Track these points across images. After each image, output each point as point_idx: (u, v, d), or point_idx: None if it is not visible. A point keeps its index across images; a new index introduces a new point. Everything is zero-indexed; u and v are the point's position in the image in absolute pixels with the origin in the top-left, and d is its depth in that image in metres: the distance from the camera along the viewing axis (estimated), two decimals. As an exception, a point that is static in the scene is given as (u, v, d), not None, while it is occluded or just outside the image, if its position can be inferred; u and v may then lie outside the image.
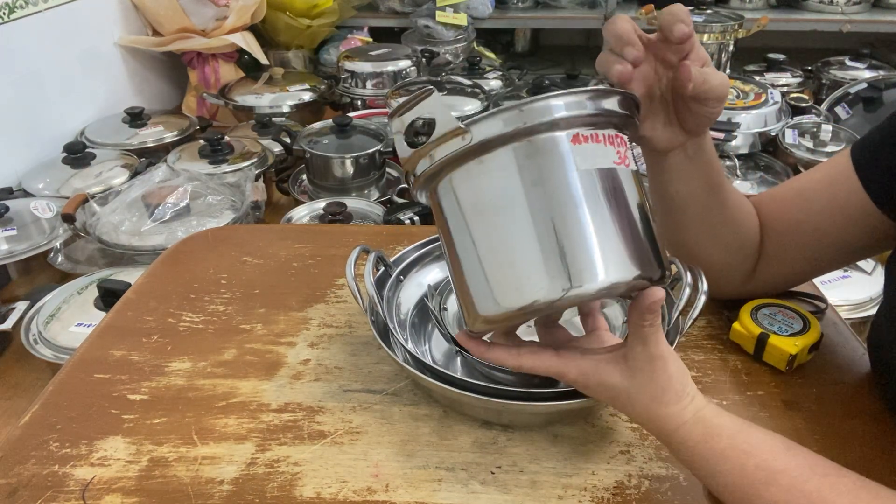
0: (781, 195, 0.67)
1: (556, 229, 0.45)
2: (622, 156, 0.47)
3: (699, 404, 0.47)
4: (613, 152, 0.47)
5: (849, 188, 0.60)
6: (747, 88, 1.88)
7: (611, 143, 0.47)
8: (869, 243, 0.62)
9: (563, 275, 0.45)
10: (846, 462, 0.56)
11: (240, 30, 2.22)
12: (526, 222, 0.46)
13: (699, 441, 0.46)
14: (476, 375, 0.62)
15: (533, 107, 0.45)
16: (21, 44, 1.74)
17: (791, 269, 0.68)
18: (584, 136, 0.46)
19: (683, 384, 0.48)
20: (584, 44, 3.25)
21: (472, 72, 2.20)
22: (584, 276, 0.45)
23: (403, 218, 1.47)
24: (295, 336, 0.72)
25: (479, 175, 0.47)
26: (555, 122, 0.45)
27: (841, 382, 0.65)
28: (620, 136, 0.48)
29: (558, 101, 0.45)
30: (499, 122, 0.45)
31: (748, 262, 0.67)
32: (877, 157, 0.59)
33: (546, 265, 0.45)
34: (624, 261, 0.46)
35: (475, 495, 0.54)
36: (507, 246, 0.46)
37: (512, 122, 0.45)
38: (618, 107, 0.48)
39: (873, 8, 2.62)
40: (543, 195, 0.46)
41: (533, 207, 0.45)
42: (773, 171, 1.76)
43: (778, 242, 0.66)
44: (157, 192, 1.48)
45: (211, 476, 0.56)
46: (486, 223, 0.47)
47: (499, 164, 0.46)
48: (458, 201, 0.48)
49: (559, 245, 0.45)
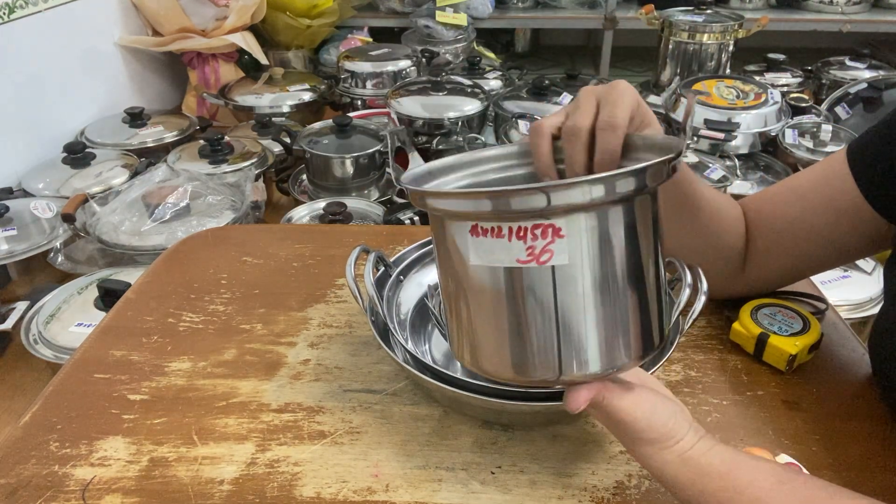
0: (776, 193, 0.67)
1: (460, 318, 0.47)
2: (536, 252, 0.41)
3: (686, 445, 0.45)
4: (522, 249, 0.41)
5: (843, 187, 0.60)
6: (747, 88, 1.88)
7: (520, 237, 0.41)
8: (863, 243, 0.62)
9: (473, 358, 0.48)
10: (846, 462, 0.56)
11: (240, 30, 2.22)
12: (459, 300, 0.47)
13: (689, 483, 0.44)
14: (476, 375, 0.62)
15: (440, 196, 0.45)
16: (21, 44, 1.74)
17: (785, 266, 0.68)
18: (484, 228, 0.42)
19: (664, 432, 0.45)
20: (584, 44, 3.25)
21: (472, 72, 2.20)
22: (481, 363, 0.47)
23: (403, 218, 1.47)
24: (295, 336, 0.72)
25: (438, 229, 0.47)
26: (453, 213, 0.44)
27: (841, 382, 0.65)
28: (549, 226, 0.41)
29: (456, 198, 0.44)
30: (416, 197, 0.45)
31: (731, 264, 0.67)
32: (872, 156, 0.59)
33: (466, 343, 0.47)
34: (498, 360, 0.46)
35: (475, 495, 0.54)
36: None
37: (419, 201, 0.45)
38: (525, 204, 0.40)
39: (873, 8, 2.63)
40: (449, 276, 0.46)
41: (449, 285, 0.47)
42: (773, 171, 1.76)
43: (772, 240, 0.66)
44: (157, 192, 1.48)
45: (211, 476, 0.56)
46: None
47: (435, 226, 0.47)
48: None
49: (470, 332, 0.47)
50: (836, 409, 0.62)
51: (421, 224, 1.47)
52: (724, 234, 0.66)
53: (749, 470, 0.44)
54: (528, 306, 0.43)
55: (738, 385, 0.64)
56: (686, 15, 2.30)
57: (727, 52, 2.27)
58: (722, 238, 0.66)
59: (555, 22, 2.68)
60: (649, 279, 0.45)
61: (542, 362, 0.44)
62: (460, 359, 0.49)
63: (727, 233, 0.66)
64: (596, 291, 0.42)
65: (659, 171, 0.42)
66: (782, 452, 0.54)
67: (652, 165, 0.41)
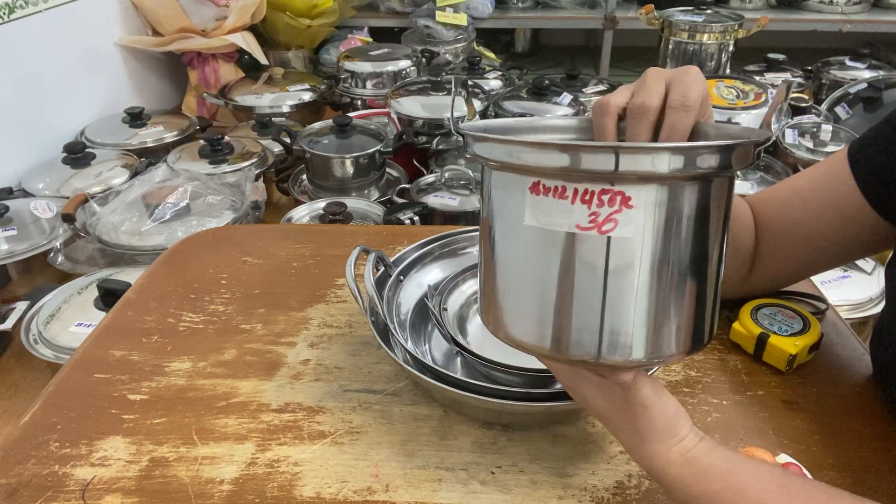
0: (777, 194, 0.67)
1: (487, 279, 0.44)
2: (598, 220, 0.39)
3: (688, 444, 0.45)
4: (584, 214, 0.39)
5: (844, 187, 0.60)
6: (747, 88, 1.88)
7: (585, 201, 0.39)
8: (864, 243, 0.62)
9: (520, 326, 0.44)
10: (846, 462, 0.56)
11: (240, 30, 2.22)
12: (506, 258, 0.43)
13: (691, 483, 0.44)
14: (476, 375, 0.62)
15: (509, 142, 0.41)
16: (21, 44, 1.74)
17: (787, 267, 0.68)
18: (547, 187, 0.39)
19: (670, 427, 0.45)
20: (584, 44, 3.25)
21: (472, 72, 2.20)
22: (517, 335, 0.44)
23: (403, 218, 1.47)
24: (295, 336, 0.72)
25: (494, 185, 0.44)
26: (516, 165, 0.40)
27: (841, 382, 0.65)
28: (620, 192, 0.38)
29: (525, 146, 0.40)
30: (481, 146, 0.42)
31: (744, 266, 0.67)
32: (872, 156, 0.59)
33: (516, 309, 0.44)
34: (532, 330, 0.43)
35: (475, 495, 0.54)
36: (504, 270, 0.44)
37: (485, 150, 0.42)
38: (606, 165, 0.38)
39: (873, 8, 2.63)
40: (499, 235, 0.43)
41: (493, 242, 0.43)
42: (773, 171, 1.76)
43: (774, 242, 0.66)
44: (157, 192, 1.48)
45: (211, 476, 0.56)
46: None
47: (491, 181, 0.44)
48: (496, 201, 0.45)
49: (493, 295, 0.44)
50: (836, 409, 0.62)
51: (421, 224, 1.47)
52: (740, 237, 0.65)
53: (750, 472, 0.44)
54: (579, 278, 0.40)
55: (738, 385, 0.64)
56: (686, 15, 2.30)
57: (727, 52, 2.27)
58: (738, 240, 0.65)
59: (555, 22, 2.68)
60: (711, 270, 0.42)
61: (584, 340, 0.41)
62: (494, 328, 0.46)
63: (741, 234, 0.66)
64: (654, 273, 0.40)
65: (746, 152, 0.39)
66: (782, 452, 0.55)
67: (740, 144, 0.39)
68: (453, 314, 0.69)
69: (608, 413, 0.47)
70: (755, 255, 0.67)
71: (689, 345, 0.43)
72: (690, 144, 0.37)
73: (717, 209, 0.41)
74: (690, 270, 0.41)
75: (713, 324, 0.44)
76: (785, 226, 0.65)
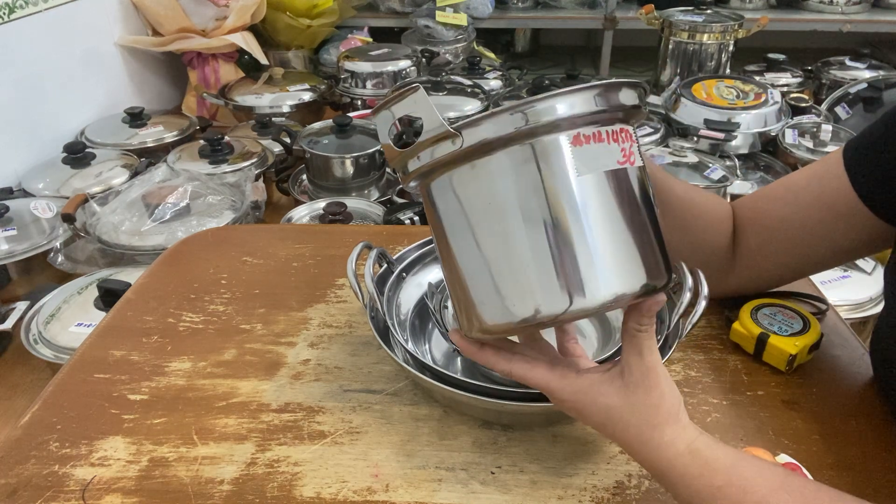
0: (771, 191, 0.67)
1: (558, 240, 0.43)
2: (627, 153, 0.44)
3: (691, 434, 0.45)
4: (618, 150, 0.43)
5: (837, 186, 0.60)
6: (747, 88, 1.88)
7: (615, 140, 0.43)
8: (860, 243, 0.62)
9: (566, 288, 0.43)
10: (846, 462, 0.56)
11: (240, 30, 2.22)
12: (526, 232, 0.43)
13: (696, 476, 0.44)
14: (476, 375, 0.62)
15: (535, 108, 0.41)
16: (21, 44, 1.74)
17: (778, 265, 0.67)
18: (587, 135, 0.42)
19: (676, 407, 0.46)
20: (584, 44, 3.25)
21: (472, 72, 2.20)
22: (587, 289, 0.43)
23: (403, 218, 1.47)
24: (295, 336, 0.72)
25: (473, 180, 0.44)
26: (554, 124, 0.42)
27: (841, 382, 0.65)
28: (626, 129, 0.44)
29: (554, 101, 0.41)
30: (490, 125, 0.42)
31: (713, 263, 0.67)
32: (867, 156, 0.59)
33: (549, 278, 0.43)
34: (629, 271, 0.43)
35: (475, 495, 0.54)
36: (506, 256, 0.44)
37: (504, 126, 0.42)
38: (625, 99, 0.44)
39: (873, 8, 2.63)
40: (543, 204, 0.43)
41: (532, 217, 0.43)
42: (773, 171, 1.76)
43: (764, 238, 0.66)
44: (157, 192, 1.48)
45: (211, 476, 0.56)
46: (485, 230, 0.45)
47: (494, 169, 0.43)
48: (453, 202, 0.45)
49: (560, 256, 0.43)
50: (836, 409, 0.62)
51: (421, 224, 1.47)
52: (703, 232, 0.65)
53: (753, 468, 0.44)
54: (631, 211, 0.44)
55: (738, 385, 0.64)
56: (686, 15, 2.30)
57: (727, 52, 2.27)
58: (698, 235, 0.65)
59: (555, 22, 2.68)
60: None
61: (620, 272, 0.44)
62: (492, 320, 0.46)
63: (706, 230, 0.65)
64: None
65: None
66: (782, 452, 0.55)
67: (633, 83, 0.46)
68: (453, 314, 0.69)
69: (619, 402, 0.46)
70: (745, 251, 0.67)
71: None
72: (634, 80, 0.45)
73: None
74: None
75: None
76: (776, 222, 0.65)
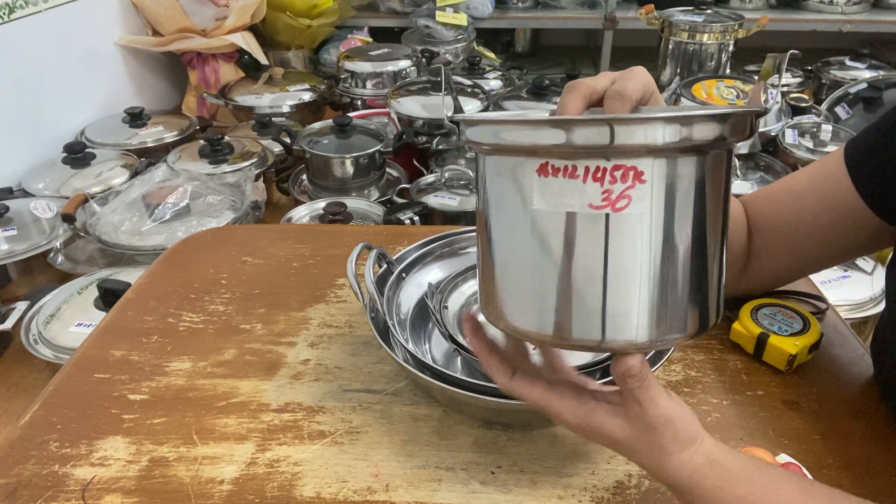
0: (773, 193, 0.67)
1: (502, 266, 0.42)
2: (612, 197, 0.37)
3: (709, 447, 0.44)
4: (597, 192, 0.37)
5: (839, 186, 0.60)
6: (747, 88, 1.88)
7: (597, 179, 0.37)
8: (861, 241, 0.62)
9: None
10: (846, 462, 0.56)
11: (240, 30, 2.22)
12: (512, 246, 0.41)
13: (716, 487, 0.43)
14: (476, 375, 0.62)
15: (504, 125, 0.39)
16: (21, 44, 1.74)
17: (783, 265, 0.68)
18: (556, 167, 0.37)
19: (690, 433, 0.44)
20: (584, 44, 3.25)
21: (472, 72, 2.20)
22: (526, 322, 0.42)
23: (403, 218, 1.47)
24: (295, 336, 0.72)
25: (492, 173, 0.42)
26: (528, 149, 0.38)
27: (841, 382, 0.65)
28: (632, 168, 0.37)
29: (525, 127, 0.38)
30: (477, 131, 0.40)
31: (737, 263, 0.67)
32: (868, 155, 0.59)
33: (526, 300, 0.42)
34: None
35: (475, 495, 0.54)
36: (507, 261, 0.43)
37: (484, 135, 0.40)
38: (616, 139, 0.36)
39: (873, 8, 2.63)
40: (499, 224, 0.41)
41: (498, 232, 0.42)
42: (773, 171, 1.76)
43: (769, 240, 0.66)
44: (157, 192, 1.48)
45: (211, 476, 0.56)
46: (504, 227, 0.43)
47: (487, 169, 0.42)
48: (491, 189, 0.42)
49: (500, 282, 0.42)
50: (836, 409, 0.62)
51: (421, 224, 1.47)
52: (730, 233, 0.65)
53: (773, 477, 0.44)
54: (587, 260, 0.38)
55: (738, 385, 0.64)
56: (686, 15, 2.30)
57: (727, 52, 2.27)
58: (728, 237, 0.65)
59: (555, 22, 2.68)
60: (716, 246, 0.41)
61: (588, 323, 0.39)
62: (494, 318, 0.44)
63: (732, 233, 0.66)
64: (663, 250, 0.38)
65: (743, 122, 0.39)
66: (782, 452, 0.55)
67: (740, 113, 0.38)
68: (453, 314, 0.69)
69: (627, 438, 0.45)
70: (750, 253, 0.67)
71: (697, 326, 0.41)
72: (705, 112, 0.36)
73: (722, 182, 0.40)
74: (697, 247, 0.39)
75: (719, 305, 0.43)
76: (779, 224, 0.65)
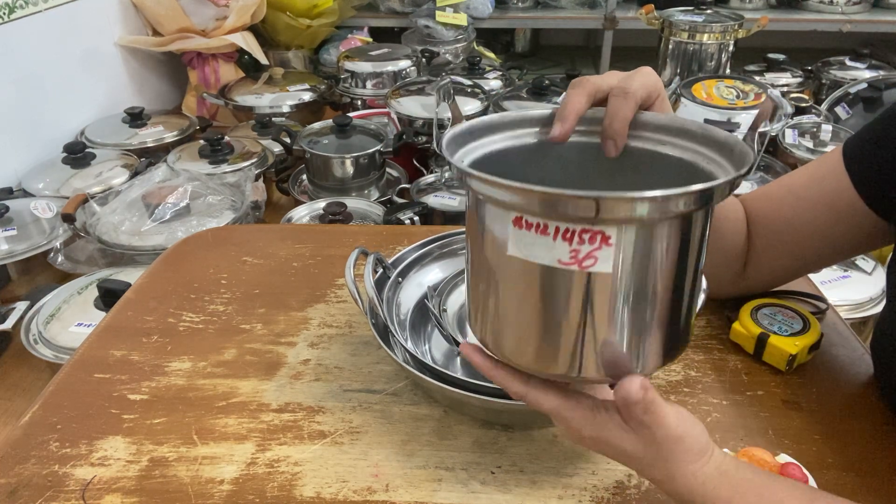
0: (771, 192, 0.67)
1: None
2: (579, 257, 0.40)
3: (718, 458, 0.44)
4: (566, 250, 0.40)
5: (839, 185, 0.61)
6: (747, 88, 1.88)
7: (566, 239, 0.39)
8: (860, 240, 0.62)
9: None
10: (846, 462, 0.56)
11: (240, 30, 2.22)
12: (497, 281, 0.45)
13: (728, 498, 0.43)
14: (476, 375, 0.62)
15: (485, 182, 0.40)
16: (21, 44, 1.74)
17: (783, 265, 0.68)
18: (529, 223, 0.40)
19: (701, 445, 0.44)
20: (584, 44, 3.25)
21: (472, 72, 2.20)
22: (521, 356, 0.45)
23: (403, 218, 1.47)
24: (295, 336, 0.72)
25: (477, 203, 0.44)
26: (500, 201, 0.41)
27: (841, 382, 0.65)
28: (599, 233, 0.39)
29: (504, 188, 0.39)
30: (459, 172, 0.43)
31: (735, 264, 0.67)
32: (867, 154, 0.60)
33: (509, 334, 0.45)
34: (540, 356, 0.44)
35: (475, 495, 0.54)
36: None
37: (466, 181, 0.42)
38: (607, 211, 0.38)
39: (873, 8, 2.63)
40: (480, 255, 0.44)
41: (481, 268, 0.45)
42: (773, 171, 1.76)
43: (769, 239, 0.66)
44: (157, 192, 1.47)
45: (211, 476, 0.56)
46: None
47: (474, 198, 0.44)
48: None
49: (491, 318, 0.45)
50: (836, 409, 0.62)
51: (421, 224, 1.47)
52: (728, 235, 0.66)
53: (782, 487, 0.44)
54: (559, 307, 0.42)
55: (738, 385, 0.64)
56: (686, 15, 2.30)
57: (727, 52, 2.26)
58: (726, 238, 0.66)
59: (555, 22, 2.68)
60: (687, 288, 0.44)
61: (564, 359, 0.43)
62: (481, 339, 0.48)
63: (731, 233, 0.66)
64: (631, 301, 0.41)
65: (723, 190, 0.40)
66: (782, 452, 0.54)
67: (718, 185, 0.39)
68: (453, 314, 0.69)
69: (637, 452, 0.44)
70: (749, 252, 0.67)
71: (662, 359, 0.44)
72: (671, 192, 0.38)
73: (696, 237, 0.42)
74: (667, 295, 0.42)
75: (689, 327, 0.46)
76: (781, 224, 0.65)
